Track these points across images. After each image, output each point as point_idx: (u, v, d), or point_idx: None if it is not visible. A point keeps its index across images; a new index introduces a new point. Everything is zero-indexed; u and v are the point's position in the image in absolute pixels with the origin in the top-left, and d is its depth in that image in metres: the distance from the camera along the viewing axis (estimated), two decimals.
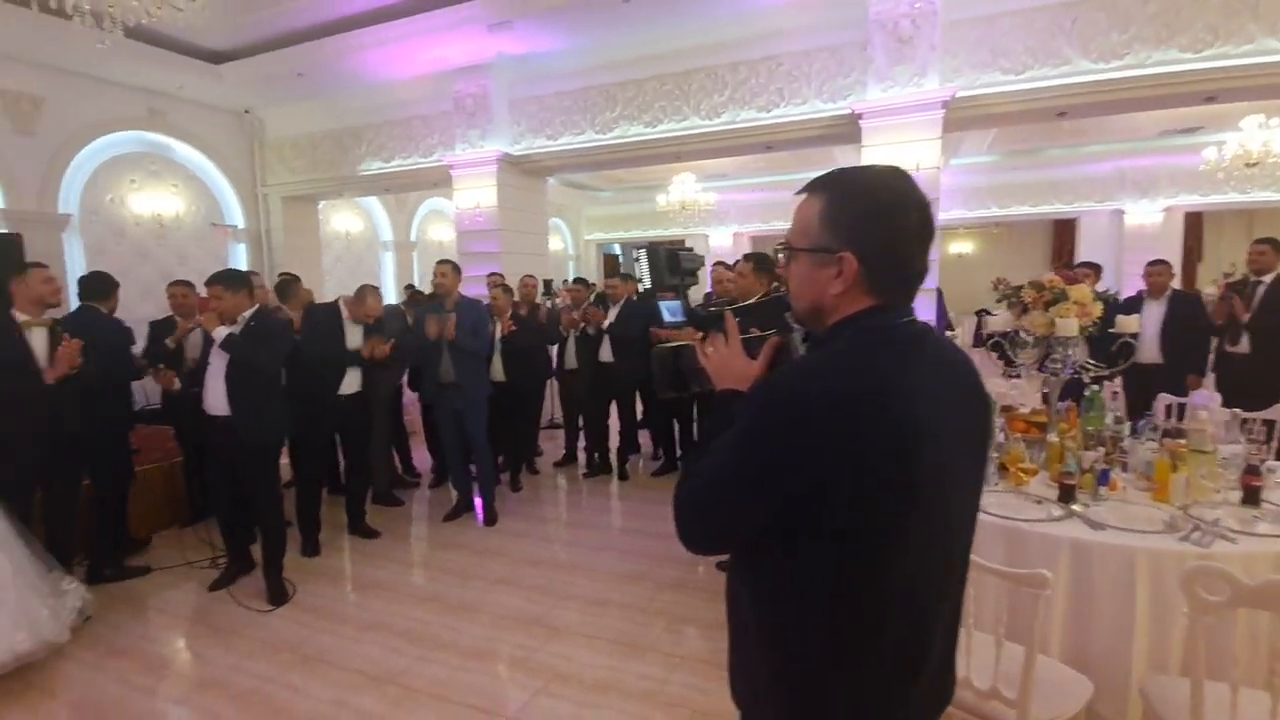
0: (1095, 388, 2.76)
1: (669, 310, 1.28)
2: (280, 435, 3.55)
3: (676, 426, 5.36)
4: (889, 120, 5.11)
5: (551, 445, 6.26)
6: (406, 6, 5.67)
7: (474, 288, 5.58)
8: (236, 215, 8.28)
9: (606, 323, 5.04)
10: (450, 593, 3.50)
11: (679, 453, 5.40)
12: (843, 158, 7.21)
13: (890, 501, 0.90)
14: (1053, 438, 2.61)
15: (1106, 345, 3.14)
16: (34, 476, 3.23)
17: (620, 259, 14.20)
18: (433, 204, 11.12)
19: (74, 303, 4.05)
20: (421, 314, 4.35)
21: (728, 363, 1.12)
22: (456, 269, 4.38)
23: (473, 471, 4.56)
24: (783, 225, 12.56)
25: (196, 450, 4.20)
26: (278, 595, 3.42)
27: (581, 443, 5.69)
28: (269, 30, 6.23)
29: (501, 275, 5.67)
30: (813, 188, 1.01)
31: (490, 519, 4.46)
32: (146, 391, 5.13)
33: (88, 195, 6.93)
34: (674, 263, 1.50)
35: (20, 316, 3.19)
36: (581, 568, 3.77)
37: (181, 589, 3.61)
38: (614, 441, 5.56)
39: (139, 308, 5.91)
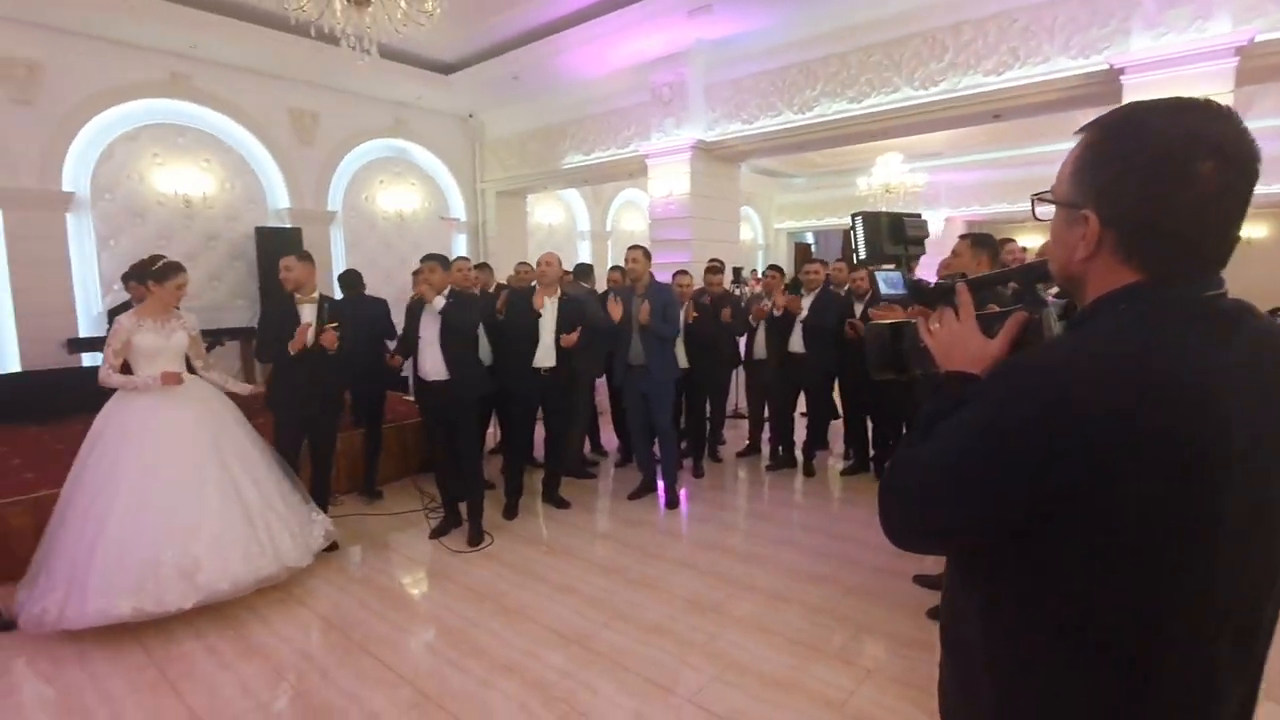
0: None
1: (886, 282, 1.15)
2: (484, 389, 4.01)
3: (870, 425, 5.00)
4: (1160, 74, 4.26)
5: (734, 435, 6.19)
6: (611, 2, 5.90)
7: (665, 275, 5.67)
8: (459, 209, 9.30)
9: (804, 312, 4.82)
10: (633, 567, 3.59)
11: (872, 453, 5.03)
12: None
13: (1169, 517, 0.70)
14: None
15: None
16: (300, 428, 3.85)
17: (813, 247, 13.66)
18: (627, 195, 11.56)
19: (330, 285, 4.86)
20: (571, 298, 4.49)
21: (959, 341, 0.96)
22: (648, 254, 4.47)
23: (656, 454, 4.65)
24: (1006, 209, 11.29)
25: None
26: (476, 538, 3.88)
27: (766, 434, 5.55)
28: (489, 39, 6.86)
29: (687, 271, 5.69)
30: (1086, 126, 0.82)
31: (672, 502, 4.51)
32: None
33: (349, 195, 8.22)
34: (896, 229, 1.35)
35: (298, 295, 3.79)
36: (761, 560, 3.67)
37: (408, 533, 4.13)
38: (800, 435, 5.34)
39: (382, 289, 6.82)
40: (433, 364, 3.83)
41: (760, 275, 8.89)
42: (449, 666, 2.70)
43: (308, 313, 3.76)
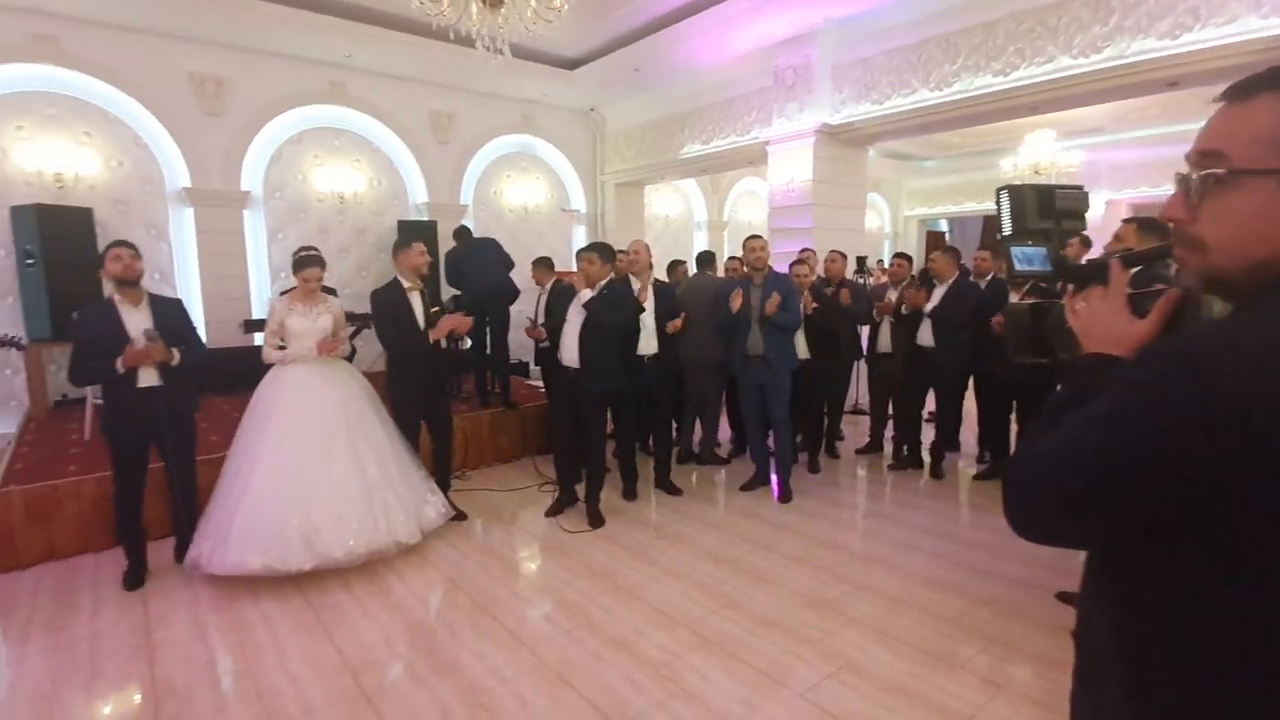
0: None
1: (1023, 258, 1.04)
2: (615, 386, 3.97)
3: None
4: None
5: (853, 431, 5.94)
6: None
7: (783, 266, 5.53)
8: (580, 201, 9.57)
9: (930, 305, 4.52)
10: (744, 558, 3.55)
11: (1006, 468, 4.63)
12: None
13: None
14: None
15: None
16: (416, 409, 4.01)
17: (947, 234, 12.76)
18: (745, 184, 11.38)
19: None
20: (687, 286, 4.45)
21: (1104, 320, 0.87)
22: (767, 244, 4.37)
23: (771, 447, 4.56)
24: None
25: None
26: (596, 520, 3.98)
27: (889, 432, 5.27)
28: (611, 33, 6.97)
29: (812, 252, 5.50)
30: (1272, 82, 0.69)
31: (785, 496, 4.41)
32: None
33: (479, 189, 8.70)
34: (1045, 202, 1.22)
35: (405, 283, 3.89)
36: (881, 562, 3.50)
37: (528, 510, 4.33)
38: (928, 435, 5.03)
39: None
40: (569, 351, 3.92)
41: (884, 265, 8.45)
42: (564, 636, 2.80)
43: (416, 300, 3.90)
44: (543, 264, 5.45)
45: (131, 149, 6.37)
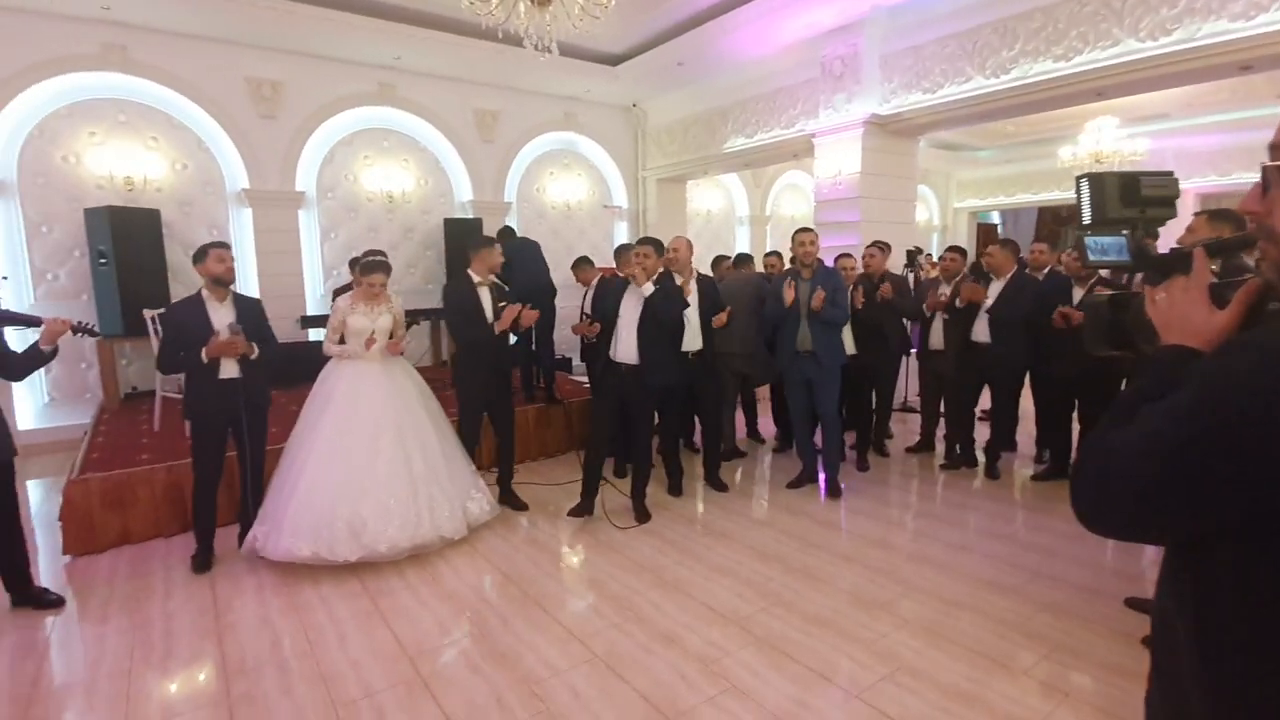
0: None
1: (1098, 248, 0.98)
2: (672, 380, 3.98)
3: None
4: None
5: (903, 429, 5.82)
6: None
7: (830, 260, 5.43)
8: (621, 197, 9.58)
9: (989, 302, 4.37)
10: (793, 556, 3.51)
11: (1075, 458, 4.45)
12: None
13: None
14: None
15: None
16: (483, 403, 4.17)
17: (1000, 227, 12.34)
18: (788, 178, 11.23)
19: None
20: (720, 282, 4.40)
21: (1184, 312, 0.84)
22: (817, 238, 4.30)
23: (818, 444, 4.50)
24: (1252, 178, 9.36)
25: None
26: (642, 515, 3.99)
27: (941, 430, 5.14)
28: (655, 27, 6.94)
29: (852, 257, 5.37)
30: None
31: (833, 493, 4.34)
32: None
33: (523, 186, 8.79)
34: (1129, 190, 1.15)
35: (475, 279, 4.05)
36: (935, 563, 3.41)
37: (574, 503, 4.33)
38: (981, 434, 4.88)
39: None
40: (625, 347, 3.87)
41: (935, 259, 8.23)
42: (614, 629, 2.82)
43: (485, 295, 4.05)
44: (584, 262, 5.49)
45: (195, 152, 6.63)
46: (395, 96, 7.51)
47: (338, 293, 6.17)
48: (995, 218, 13.54)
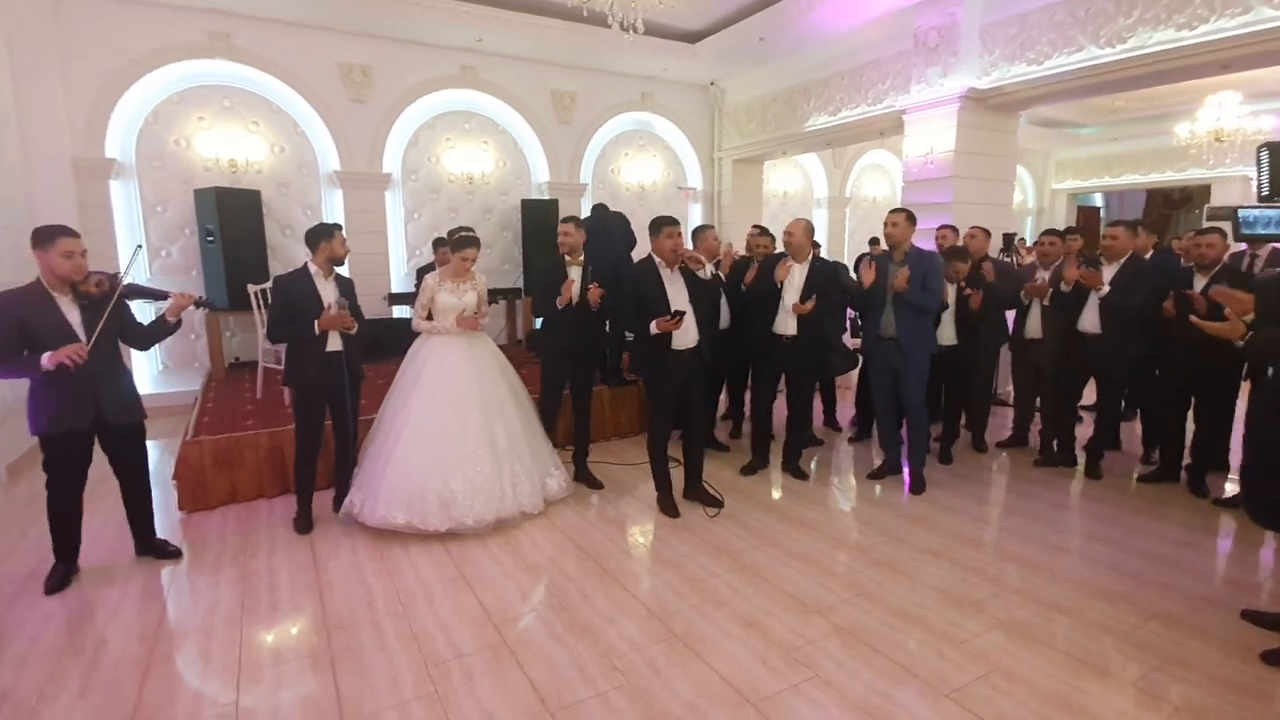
0: None
1: (1254, 220, 0.87)
2: (716, 353, 4.05)
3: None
4: None
5: (993, 423, 5.52)
6: None
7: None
8: (696, 179, 9.46)
9: (1105, 288, 4.05)
10: (877, 548, 3.40)
11: (1187, 461, 4.13)
12: None
13: None
14: None
15: None
16: (564, 377, 4.26)
17: (1103, 210, 11.48)
18: (871, 158, 10.81)
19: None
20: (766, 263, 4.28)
21: None
22: (911, 218, 4.08)
23: (902, 436, 4.33)
24: None
25: None
26: (711, 500, 3.92)
27: (1036, 425, 4.86)
28: (736, 2, 6.76)
29: (952, 229, 5.12)
30: None
31: (917, 487, 4.18)
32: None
33: (598, 168, 8.82)
34: None
35: (567, 258, 4.09)
36: (1031, 564, 3.23)
37: (648, 483, 4.30)
38: (1082, 431, 4.59)
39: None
40: (684, 332, 3.70)
41: (1029, 244, 7.75)
42: (692, 610, 2.81)
43: (575, 273, 4.10)
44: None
45: (291, 135, 6.97)
46: (476, 79, 7.65)
47: (421, 272, 6.40)
48: (1098, 200, 12.62)
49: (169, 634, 2.67)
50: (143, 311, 3.96)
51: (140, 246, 4.24)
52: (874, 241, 5.16)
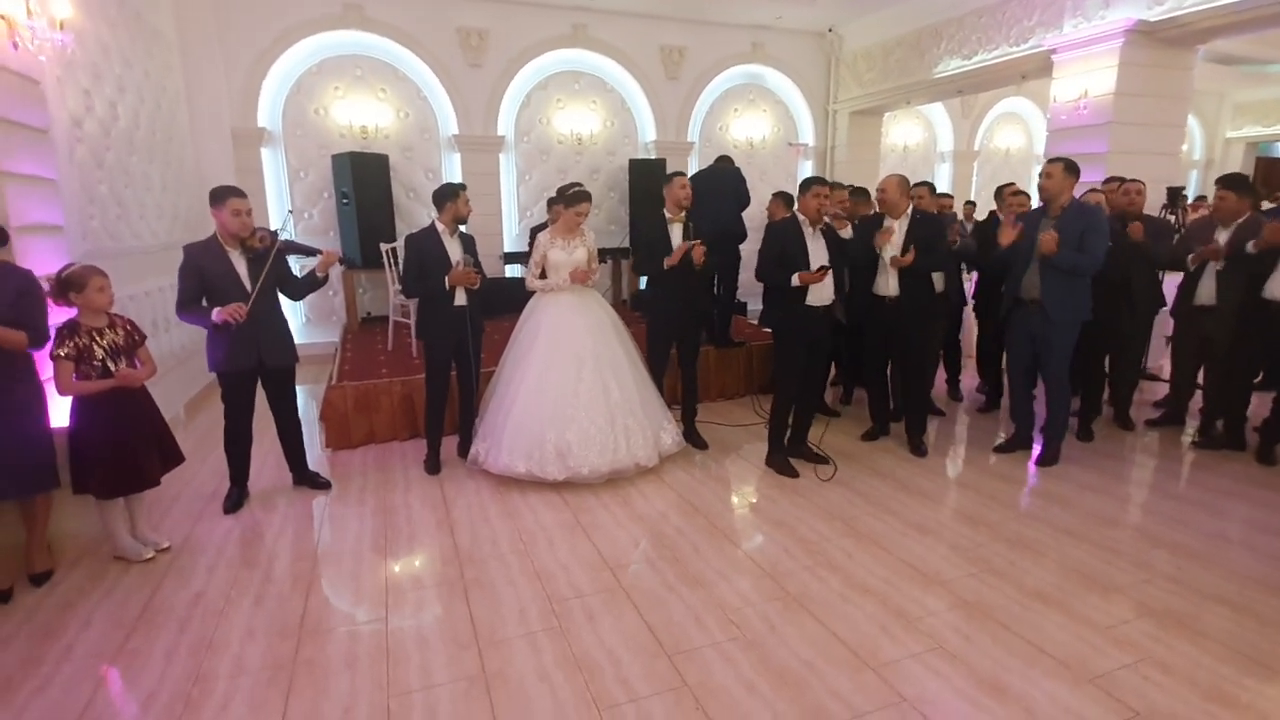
0: None
1: None
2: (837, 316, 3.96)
3: None
4: None
5: (1138, 398, 5.01)
6: None
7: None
8: (808, 134, 9.04)
9: None
10: (1004, 524, 3.21)
11: None
12: None
13: None
14: None
15: None
16: (671, 337, 4.23)
17: None
18: (1005, 106, 9.89)
19: None
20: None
21: None
22: (1070, 168, 3.65)
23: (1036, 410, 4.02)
24: None
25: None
26: (817, 456, 3.93)
27: (1197, 403, 4.36)
28: None
29: (1119, 182, 4.57)
30: None
31: (1049, 459, 3.88)
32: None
33: (706, 126, 8.61)
34: None
35: (668, 215, 4.07)
36: (1185, 550, 2.93)
37: (755, 444, 4.30)
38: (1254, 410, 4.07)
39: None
40: (822, 288, 3.67)
41: (1192, 201, 6.84)
42: (806, 572, 2.78)
43: (676, 231, 4.06)
44: (780, 198, 5.25)
45: (415, 101, 7.28)
46: (587, 37, 7.63)
47: (534, 231, 6.58)
48: None
49: (324, 556, 2.98)
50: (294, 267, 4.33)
51: (290, 210, 4.60)
52: (998, 193, 4.66)
